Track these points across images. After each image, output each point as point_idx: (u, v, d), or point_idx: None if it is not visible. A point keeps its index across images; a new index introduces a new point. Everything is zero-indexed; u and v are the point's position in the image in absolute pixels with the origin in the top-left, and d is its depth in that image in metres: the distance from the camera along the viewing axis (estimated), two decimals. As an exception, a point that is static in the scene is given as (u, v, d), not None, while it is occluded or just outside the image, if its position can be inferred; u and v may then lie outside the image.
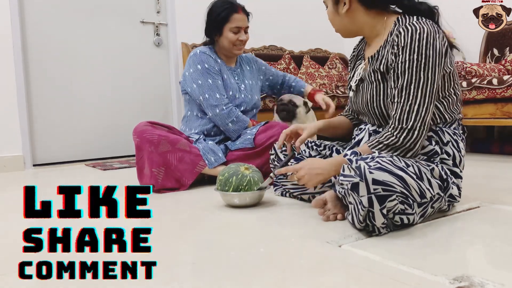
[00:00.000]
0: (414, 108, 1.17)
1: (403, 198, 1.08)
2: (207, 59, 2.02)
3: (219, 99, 1.98)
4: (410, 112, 1.18)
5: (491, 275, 0.84)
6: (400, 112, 1.19)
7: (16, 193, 2.01)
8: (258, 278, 0.89)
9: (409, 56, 1.17)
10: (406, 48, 1.17)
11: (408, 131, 1.18)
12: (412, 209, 1.11)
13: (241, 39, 2.04)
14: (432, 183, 1.16)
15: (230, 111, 1.99)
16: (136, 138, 1.87)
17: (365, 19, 1.31)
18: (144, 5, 3.51)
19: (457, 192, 1.27)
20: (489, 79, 2.54)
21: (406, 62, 1.18)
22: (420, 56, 1.16)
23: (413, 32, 1.18)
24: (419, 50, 1.16)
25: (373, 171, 1.05)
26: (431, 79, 1.17)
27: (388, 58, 1.24)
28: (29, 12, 3.06)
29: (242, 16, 2.04)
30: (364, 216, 1.08)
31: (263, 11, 3.88)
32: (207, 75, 1.99)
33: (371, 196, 1.05)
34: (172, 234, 1.25)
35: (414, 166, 1.14)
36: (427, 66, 1.16)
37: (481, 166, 2.38)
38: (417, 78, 1.17)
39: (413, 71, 1.17)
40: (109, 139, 3.38)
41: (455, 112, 1.31)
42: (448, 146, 1.27)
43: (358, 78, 1.39)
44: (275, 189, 1.69)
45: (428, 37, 1.17)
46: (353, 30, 1.35)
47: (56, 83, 3.18)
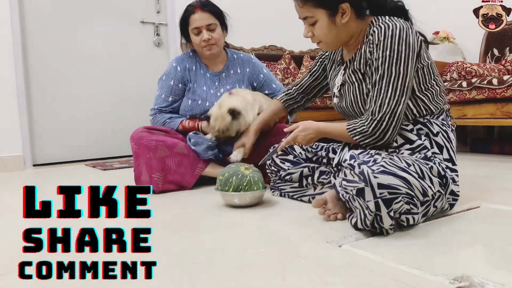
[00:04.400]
0: (385, 101, 1.23)
1: (409, 198, 1.08)
2: (170, 72, 2.06)
3: (153, 109, 2.09)
4: (381, 105, 1.24)
5: (491, 275, 0.84)
6: (373, 105, 1.26)
7: (16, 193, 2.01)
8: (258, 278, 0.89)
9: (382, 53, 1.23)
10: (379, 45, 1.23)
11: (377, 122, 1.24)
12: (417, 208, 1.12)
13: (204, 39, 1.94)
14: (433, 181, 1.17)
15: (154, 118, 2.07)
16: (134, 145, 1.87)
17: (356, 26, 1.33)
18: (144, 5, 3.51)
19: (455, 187, 1.28)
20: (489, 79, 2.54)
21: (379, 58, 1.23)
22: (392, 52, 1.21)
23: (385, 29, 1.23)
24: (392, 46, 1.21)
25: (378, 175, 1.05)
26: (402, 73, 1.22)
27: (366, 57, 1.29)
28: (29, 12, 3.06)
29: (200, 15, 1.94)
30: (371, 220, 1.09)
31: (263, 11, 3.89)
32: (160, 88, 2.08)
33: (378, 200, 1.05)
34: (172, 234, 1.25)
35: (414, 165, 1.14)
36: (399, 61, 1.21)
37: (481, 166, 2.38)
38: (388, 73, 1.22)
39: (385, 66, 1.22)
40: (109, 139, 3.38)
41: (440, 103, 1.33)
42: (439, 137, 1.29)
43: (340, 84, 1.43)
44: (272, 192, 1.69)
45: (400, 33, 1.22)
46: (344, 40, 1.36)
47: (56, 83, 3.18)
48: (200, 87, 2.05)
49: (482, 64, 2.95)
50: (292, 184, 1.61)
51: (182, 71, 2.05)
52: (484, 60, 3.25)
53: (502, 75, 2.81)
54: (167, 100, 2.06)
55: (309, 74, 1.69)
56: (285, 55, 3.78)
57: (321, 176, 1.53)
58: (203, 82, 2.06)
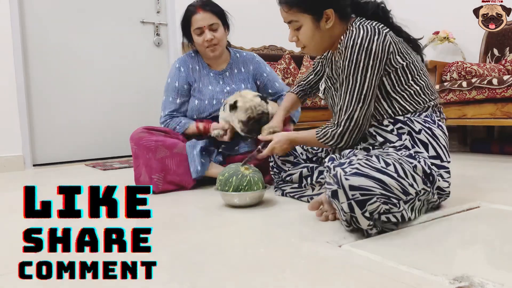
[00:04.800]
0: (343, 108, 1.31)
1: (385, 198, 1.08)
2: (175, 73, 2.06)
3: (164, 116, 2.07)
4: (340, 110, 1.32)
5: (491, 275, 0.84)
6: (337, 111, 1.34)
7: (16, 193, 2.01)
8: (258, 278, 0.89)
9: (343, 63, 1.29)
10: (342, 55, 1.29)
11: (336, 126, 1.33)
12: (398, 208, 1.11)
13: (207, 39, 1.94)
14: (416, 179, 1.17)
15: (168, 126, 2.04)
16: (133, 145, 1.87)
17: (339, 31, 1.36)
18: (144, 5, 3.51)
19: (444, 183, 1.27)
20: (489, 79, 2.54)
21: (341, 67, 1.30)
22: (351, 63, 1.26)
23: (349, 38, 1.27)
24: (351, 56, 1.26)
25: (349, 177, 1.06)
26: (360, 81, 1.27)
27: (336, 63, 1.38)
28: (29, 12, 3.06)
29: (202, 15, 1.93)
30: (348, 220, 1.10)
31: (263, 11, 3.89)
32: (166, 92, 2.07)
33: (351, 201, 1.06)
34: (172, 234, 1.25)
35: (395, 164, 1.14)
36: (357, 70, 1.26)
37: (481, 166, 2.38)
38: (346, 81, 1.29)
39: (344, 75, 1.29)
40: (109, 139, 3.38)
41: (422, 101, 1.33)
42: (422, 135, 1.29)
43: (323, 87, 1.50)
44: (275, 191, 1.71)
45: (362, 41, 1.25)
46: (327, 44, 1.40)
47: (56, 83, 3.18)
48: (205, 87, 2.04)
49: (482, 64, 2.95)
50: (292, 185, 1.63)
51: (186, 72, 2.05)
52: (484, 60, 3.25)
53: (502, 75, 2.81)
54: (175, 102, 2.05)
55: (314, 73, 1.72)
56: (285, 55, 3.78)
57: (319, 176, 1.54)
58: (208, 81, 2.06)
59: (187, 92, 2.06)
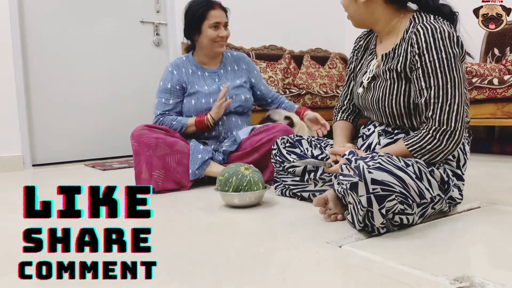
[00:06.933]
0: (454, 108, 1.16)
1: (403, 198, 1.07)
2: (167, 76, 2.09)
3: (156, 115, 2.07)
4: (451, 113, 1.16)
5: (491, 275, 0.84)
6: (439, 112, 1.17)
7: (16, 193, 2.01)
8: (258, 278, 0.89)
9: (437, 55, 1.16)
10: (431, 47, 1.16)
11: (451, 133, 1.17)
12: (411, 209, 1.11)
13: (222, 35, 2.02)
14: (432, 184, 1.16)
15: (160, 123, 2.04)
16: (134, 142, 1.88)
17: (382, 12, 1.30)
18: (143, 5, 3.51)
19: (458, 194, 1.27)
20: (490, 79, 2.54)
21: (435, 61, 1.16)
22: (448, 55, 1.15)
23: (433, 30, 1.17)
24: (445, 49, 1.15)
25: (372, 170, 1.05)
26: (462, 77, 1.17)
27: (407, 57, 1.22)
28: (29, 12, 3.06)
29: (220, 12, 2.03)
30: (363, 215, 1.08)
31: (263, 11, 3.89)
32: (159, 94, 2.09)
33: (370, 196, 1.05)
34: (172, 234, 1.25)
35: (414, 166, 1.13)
36: (456, 65, 1.16)
37: (482, 166, 2.38)
38: (451, 77, 1.16)
39: (445, 70, 1.15)
40: (108, 139, 3.38)
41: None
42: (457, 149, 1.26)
43: (371, 76, 1.36)
44: (275, 187, 1.68)
45: (450, 37, 1.16)
46: (367, 21, 1.33)
47: (55, 83, 3.18)
48: (201, 87, 2.07)
49: (483, 64, 2.95)
50: (293, 177, 1.60)
51: (179, 74, 2.08)
52: (485, 60, 3.25)
53: (503, 75, 2.81)
54: (168, 103, 2.06)
55: (348, 86, 1.57)
56: (285, 55, 3.78)
57: (324, 173, 1.52)
58: (203, 82, 2.09)
59: (180, 93, 2.08)
